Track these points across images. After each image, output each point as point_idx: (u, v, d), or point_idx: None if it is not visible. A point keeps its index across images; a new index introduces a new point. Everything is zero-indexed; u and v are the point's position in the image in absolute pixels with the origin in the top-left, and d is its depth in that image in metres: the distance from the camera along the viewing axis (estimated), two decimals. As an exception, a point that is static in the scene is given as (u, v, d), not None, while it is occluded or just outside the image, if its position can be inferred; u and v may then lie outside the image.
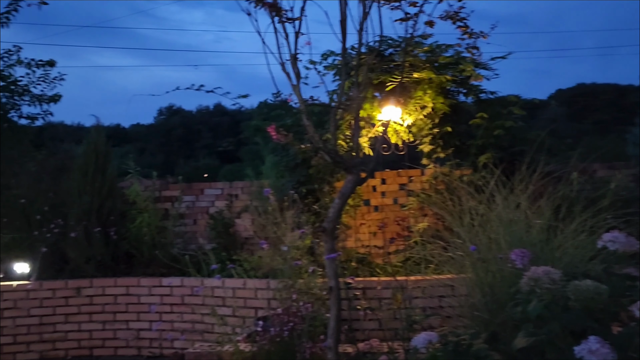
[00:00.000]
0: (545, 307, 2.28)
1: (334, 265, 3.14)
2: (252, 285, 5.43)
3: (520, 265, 2.61)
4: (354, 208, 6.19)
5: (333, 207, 3.21)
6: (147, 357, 6.03)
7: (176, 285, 6.00)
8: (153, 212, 6.72)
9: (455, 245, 3.60)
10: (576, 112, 37.23)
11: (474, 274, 3.29)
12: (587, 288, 2.25)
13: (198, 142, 41.41)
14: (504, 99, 5.86)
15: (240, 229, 6.91)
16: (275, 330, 3.56)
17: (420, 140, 5.97)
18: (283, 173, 6.35)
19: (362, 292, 4.99)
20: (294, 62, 3.49)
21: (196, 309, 5.87)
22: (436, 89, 5.69)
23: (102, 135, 6.85)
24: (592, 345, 2.02)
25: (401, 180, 6.54)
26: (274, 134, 3.40)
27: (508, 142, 5.72)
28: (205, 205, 7.22)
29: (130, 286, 6.17)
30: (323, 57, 6.06)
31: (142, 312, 6.13)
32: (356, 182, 3.24)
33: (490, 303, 3.14)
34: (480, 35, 3.99)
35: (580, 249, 3.28)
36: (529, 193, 3.59)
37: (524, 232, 3.36)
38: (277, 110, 7.43)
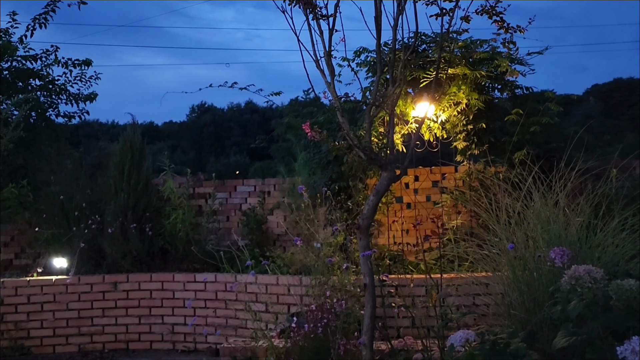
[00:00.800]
0: (586, 306, 2.24)
1: (369, 262, 3.14)
2: (284, 281, 5.46)
3: (559, 264, 2.57)
4: (387, 205, 6.16)
5: (368, 204, 3.21)
6: (181, 352, 6.12)
7: (210, 281, 6.06)
8: (187, 208, 6.81)
9: (491, 242, 3.56)
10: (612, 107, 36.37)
11: (510, 272, 3.25)
12: (629, 287, 2.21)
13: (229, 140, 41.75)
14: (540, 95, 5.77)
15: (272, 226, 6.95)
16: (309, 327, 3.57)
17: (454, 136, 5.91)
18: (315, 170, 6.37)
19: (395, 290, 4.97)
20: (328, 59, 3.49)
21: (230, 304, 5.94)
22: (470, 84, 5.63)
23: (137, 133, 6.96)
24: (636, 346, 1.99)
25: (434, 178, 6.49)
26: (309, 131, 3.41)
27: (544, 138, 5.62)
28: (238, 202, 7.29)
29: (165, 281, 6.28)
30: (356, 53, 6.04)
31: (176, 307, 6.23)
32: (391, 179, 3.23)
33: (527, 302, 3.10)
34: (518, 29, 3.92)
35: (621, 248, 3.21)
36: (567, 190, 3.52)
37: (563, 230, 3.30)
38: (309, 107, 7.43)
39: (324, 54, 3.54)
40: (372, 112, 3.59)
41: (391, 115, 3.36)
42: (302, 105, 8.43)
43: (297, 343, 3.63)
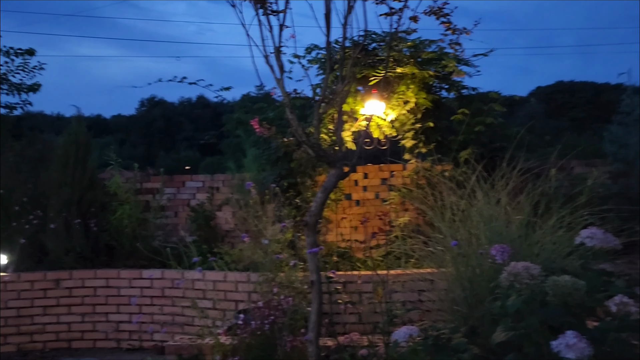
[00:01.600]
0: (523, 302, 2.31)
1: (316, 259, 3.15)
2: (232, 278, 5.43)
3: (500, 260, 2.64)
4: (336, 202, 6.20)
5: (315, 201, 3.22)
6: (126, 350, 6.00)
7: (157, 278, 5.97)
8: (134, 204, 6.68)
9: (436, 240, 3.63)
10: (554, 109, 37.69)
11: (454, 269, 3.32)
12: (565, 284, 2.29)
13: (179, 134, 41.09)
14: (485, 96, 5.91)
15: (221, 222, 6.90)
16: (256, 324, 3.56)
17: (402, 135, 6.00)
18: (264, 166, 6.35)
19: (343, 286, 5.01)
20: (277, 55, 3.48)
21: (176, 301, 5.86)
22: (419, 84, 5.72)
23: (82, 126, 6.78)
24: (570, 340, 2.06)
25: (383, 175, 6.57)
26: (257, 127, 3.39)
27: (488, 138, 5.78)
28: (187, 198, 7.20)
29: (110, 278, 6.13)
30: (307, 50, 6.05)
31: (122, 305, 6.10)
32: (339, 176, 3.25)
33: (469, 297, 3.17)
34: (464, 31, 4.01)
35: (558, 245, 3.33)
36: (509, 189, 3.63)
37: (504, 227, 3.40)
38: (259, 103, 7.40)
39: (273, 50, 3.53)
40: (322, 109, 3.60)
41: (340, 112, 3.38)
42: (254, 100, 8.39)
43: (244, 340, 3.62)
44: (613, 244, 2.60)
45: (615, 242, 2.61)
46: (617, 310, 2.17)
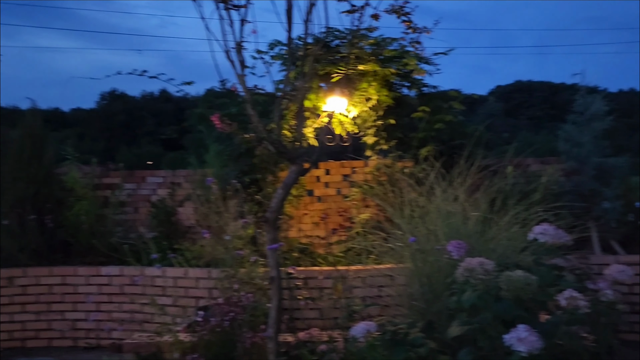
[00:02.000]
0: (478, 297, 2.37)
1: (276, 255, 3.16)
2: (193, 274, 5.39)
3: (456, 256, 2.70)
4: (297, 198, 6.21)
5: (276, 197, 3.22)
6: (83, 349, 5.89)
7: (115, 275, 5.87)
8: (92, 199, 6.53)
9: (396, 236, 3.68)
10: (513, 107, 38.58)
11: (412, 265, 3.37)
12: (517, 278, 2.35)
13: (141, 129, 40.46)
14: (445, 94, 6.00)
15: (182, 218, 6.81)
16: (215, 320, 3.55)
17: (364, 132, 6.04)
18: (227, 162, 6.30)
19: (303, 282, 5.02)
20: (239, 50, 3.46)
21: (135, 298, 5.77)
22: (381, 81, 5.77)
23: (38, 119, 6.59)
24: (521, 334, 2.13)
25: (345, 171, 6.60)
26: (218, 122, 3.37)
27: (448, 135, 5.87)
28: (147, 194, 7.09)
29: (67, 275, 5.99)
30: (270, 46, 6.03)
31: (78, 302, 5.96)
32: (299, 172, 3.26)
33: (427, 293, 3.23)
34: (424, 30, 4.07)
35: (513, 241, 3.42)
36: (467, 186, 3.70)
37: (461, 224, 3.47)
38: (222, 98, 7.32)
39: (234, 46, 3.50)
40: (283, 105, 3.60)
41: (300, 108, 3.38)
42: (217, 95, 8.29)
43: (204, 337, 3.60)
44: (564, 240, 2.69)
45: (566, 238, 2.70)
46: (567, 304, 2.25)
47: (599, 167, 6.07)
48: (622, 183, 6.23)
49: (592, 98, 6.31)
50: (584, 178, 6.08)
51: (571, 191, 6.01)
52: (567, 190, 5.99)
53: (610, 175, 6.11)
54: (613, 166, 6.08)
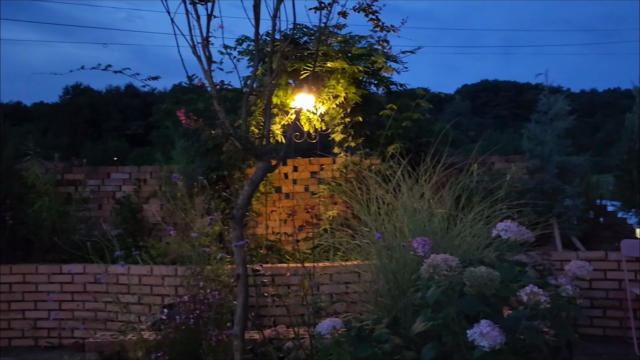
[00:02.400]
0: (442, 293, 2.39)
1: (242, 252, 3.13)
2: (158, 272, 5.33)
3: (421, 253, 2.71)
4: (265, 195, 6.19)
5: (243, 194, 3.19)
6: (44, 348, 5.76)
7: (78, 273, 5.77)
8: (54, 196, 6.40)
9: (362, 233, 3.69)
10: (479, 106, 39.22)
11: (378, 261, 3.39)
12: (480, 274, 2.38)
13: (106, 124, 39.75)
14: (413, 92, 6.05)
15: (148, 215, 6.73)
16: (181, 318, 3.50)
17: (332, 129, 6.05)
18: (194, 158, 6.24)
19: (270, 279, 5.01)
20: (205, 46, 3.41)
21: (99, 297, 5.68)
22: (349, 79, 5.78)
23: (-4, 113, 6.42)
24: (483, 329, 2.15)
25: (313, 168, 6.61)
26: (184, 118, 3.32)
27: (415, 133, 5.91)
28: (112, 190, 6.98)
29: (28, 273, 5.87)
30: (238, 42, 5.99)
31: (39, 301, 5.85)
32: (266, 169, 3.24)
33: (393, 289, 3.25)
34: (391, 29, 4.08)
35: (477, 238, 3.46)
36: (433, 183, 3.73)
37: (427, 220, 3.49)
38: (189, 94, 7.25)
39: (201, 40, 3.46)
40: (251, 101, 3.57)
41: (268, 104, 3.36)
42: (185, 91, 8.21)
43: (168, 335, 3.55)
44: (527, 237, 2.73)
45: (528, 235, 2.74)
46: (528, 299, 2.28)
47: (561, 165, 6.21)
48: (583, 181, 6.39)
49: (555, 98, 6.45)
50: (547, 176, 6.21)
51: (534, 189, 6.14)
52: (530, 188, 6.12)
53: (572, 174, 6.26)
54: (574, 165, 6.23)
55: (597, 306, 5.55)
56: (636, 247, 5.41)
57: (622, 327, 5.46)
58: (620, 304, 5.46)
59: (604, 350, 5.09)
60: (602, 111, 41.19)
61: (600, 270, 5.55)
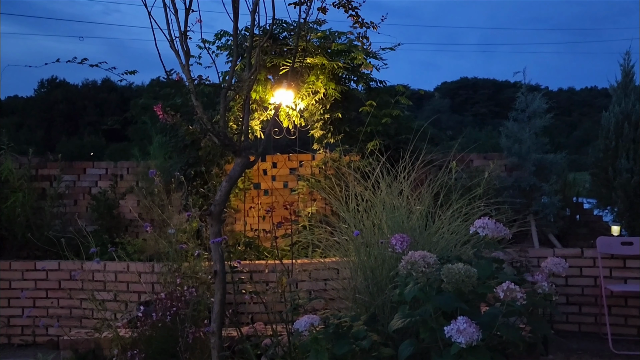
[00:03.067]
0: (420, 289, 2.39)
1: (220, 249, 3.10)
2: (135, 269, 5.26)
3: (399, 249, 2.72)
4: (244, 191, 6.15)
5: (220, 190, 3.16)
6: (18, 346, 5.67)
7: (53, 269, 5.68)
8: (28, 191, 6.28)
9: (341, 229, 3.68)
10: (459, 104, 39.54)
11: (357, 258, 3.38)
12: (458, 271, 2.39)
13: (83, 119, 39.19)
14: (392, 89, 6.05)
15: (124, 211, 6.64)
16: (157, 316, 3.46)
17: (311, 125, 6.03)
18: (171, 154, 6.18)
19: (249, 276, 4.98)
20: (183, 40, 3.37)
21: (74, 294, 5.59)
22: (328, 75, 5.76)
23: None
24: (460, 325, 2.16)
25: (292, 165, 6.57)
26: (161, 113, 3.28)
27: (394, 130, 5.92)
28: (88, 186, 6.87)
29: (1, 270, 5.76)
30: (216, 37, 5.93)
31: (13, 298, 5.75)
32: (245, 165, 3.21)
33: (371, 286, 3.25)
34: (371, 25, 4.08)
35: (455, 235, 3.48)
36: (411, 180, 3.74)
37: (405, 217, 3.50)
38: (167, 89, 7.17)
39: (179, 35, 3.41)
40: (229, 96, 3.54)
41: (247, 100, 3.33)
42: (163, 85, 8.12)
43: (145, 333, 3.51)
44: (504, 234, 2.75)
45: (506, 232, 2.76)
46: (505, 296, 2.30)
47: (539, 163, 6.27)
48: (560, 179, 6.46)
49: (533, 96, 6.51)
50: (524, 174, 6.27)
51: (512, 186, 6.20)
52: (508, 186, 6.17)
53: (548, 171, 6.33)
54: (552, 162, 6.30)
55: (572, 302, 5.62)
56: (612, 244, 5.49)
57: (597, 324, 5.53)
58: (595, 300, 5.53)
59: (579, 346, 5.16)
60: (579, 109, 41.79)
61: (576, 267, 5.61)
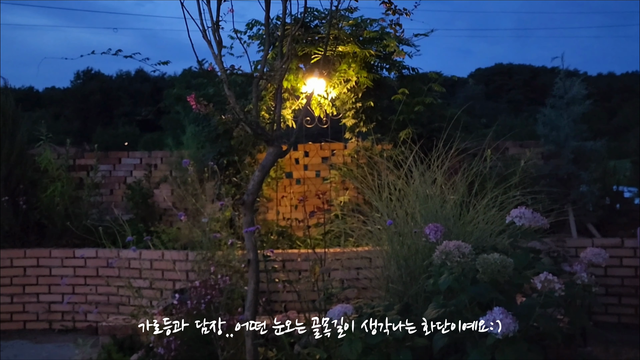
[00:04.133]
0: (455, 279, 2.36)
1: (253, 238, 3.12)
2: (170, 257, 5.34)
3: (433, 239, 2.68)
4: (276, 180, 6.17)
5: (253, 179, 3.17)
6: (58, 331, 5.83)
7: (90, 257, 5.80)
8: (66, 181, 6.43)
9: (374, 219, 3.66)
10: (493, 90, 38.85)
11: (390, 247, 3.36)
12: (494, 261, 2.34)
13: (117, 109, 39.87)
14: (425, 76, 5.97)
15: (159, 200, 6.75)
16: (192, 304, 3.50)
17: (343, 114, 6.00)
18: (204, 143, 6.23)
19: (281, 265, 5.01)
20: (216, 30, 3.38)
21: (111, 281, 5.70)
22: (360, 63, 5.72)
23: (10, 98, 6.44)
24: (497, 316, 2.13)
25: (324, 154, 6.56)
26: (194, 103, 3.29)
27: (427, 118, 5.85)
28: (123, 175, 7.00)
29: (41, 257, 5.92)
30: (248, 26, 5.93)
31: (53, 285, 5.91)
32: (277, 154, 3.21)
33: (404, 275, 3.23)
34: (404, 12, 4.02)
35: (490, 224, 3.42)
36: (445, 169, 3.69)
37: (439, 207, 3.46)
38: (199, 79, 7.21)
39: (211, 25, 3.42)
40: (261, 85, 3.54)
41: (279, 89, 3.32)
42: (195, 75, 8.17)
43: (180, 320, 3.55)
44: (541, 223, 2.69)
45: (543, 222, 2.70)
46: (542, 287, 2.25)
47: (577, 150, 6.11)
48: (599, 167, 6.30)
49: (571, 82, 6.33)
50: (562, 162, 6.12)
51: (549, 175, 6.06)
52: (545, 174, 6.04)
53: (587, 159, 6.17)
54: (591, 150, 6.13)
55: (612, 293, 5.50)
56: (652, 234, 5.35)
57: (637, 315, 5.41)
58: (635, 291, 5.41)
59: (618, 338, 5.04)
60: (619, 95, 40.56)
61: (616, 257, 5.48)
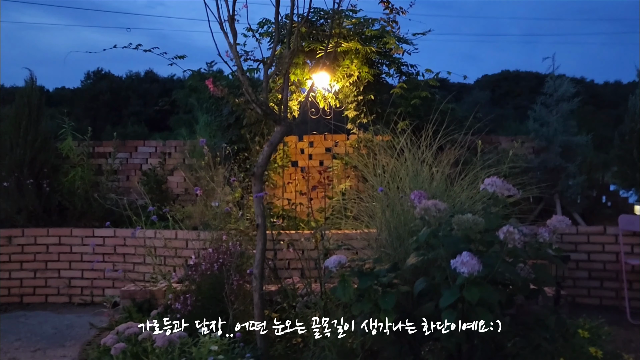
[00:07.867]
0: (431, 232, 2.78)
1: (262, 204, 3.53)
2: (183, 236, 5.75)
3: (417, 203, 3.09)
4: (282, 168, 6.59)
5: (262, 154, 3.59)
6: (78, 304, 6.24)
7: (109, 236, 6.22)
8: (86, 166, 6.89)
9: (369, 194, 4.08)
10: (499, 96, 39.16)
11: (382, 217, 3.78)
12: (467, 219, 2.76)
13: (126, 109, 40.38)
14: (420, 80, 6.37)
15: (172, 186, 7.19)
16: (205, 266, 3.93)
17: (346, 106, 6.43)
18: (216, 132, 6.67)
19: (286, 246, 5.41)
20: (231, 22, 3.80)
21: (128, 258, 6.15)
22: (362, 59, 6.14)
23: (35, 88, 6.88)
24: (464, 258, 2.54)
25: (327, 144, 6.98)
26: (212, 86, 3.72)
27: (425, 111, 6.25)
28: (139, 162, 7.44)
29: (63, 236, 6.35)
30: (260, 25, 6.38)
31: (73, 261, 6.34)
32: (284, 132, 3.62)
33: (394, 241, 3.64)
34: (400, 10, 4.43)
35: (472, 199, 3.83)
36: (434, 150, 4.09)
37: (428, 184, 3.87)
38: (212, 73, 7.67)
39: (227, 18, 3.85)
40: (270, 74, 3.96)
41: (286, 75, 3.75)
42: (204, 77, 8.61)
43: (194, 281, 3.98)
44: (512, 192, 3.09)
45: (514, 191, 3.09)
46: (504, 237, 2.65)
47: (565, 144, 6.52)
48: (585, 160, 6.69)
49: (561, 81, 6.75)
50: (550, 155, 6.52)
51: (538, 167, 6.47)
52: (535, 167, 6.44)
53: (574, 153, 6.57)
54: (577, 144, 6.54)
55: (594, 277, 5.84)
56: (633, 221, 5.72)
57: (617, 298, 5.76)
58: (616, 276, 5.75)
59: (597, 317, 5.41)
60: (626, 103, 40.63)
61: (598, 244, 5.83)
